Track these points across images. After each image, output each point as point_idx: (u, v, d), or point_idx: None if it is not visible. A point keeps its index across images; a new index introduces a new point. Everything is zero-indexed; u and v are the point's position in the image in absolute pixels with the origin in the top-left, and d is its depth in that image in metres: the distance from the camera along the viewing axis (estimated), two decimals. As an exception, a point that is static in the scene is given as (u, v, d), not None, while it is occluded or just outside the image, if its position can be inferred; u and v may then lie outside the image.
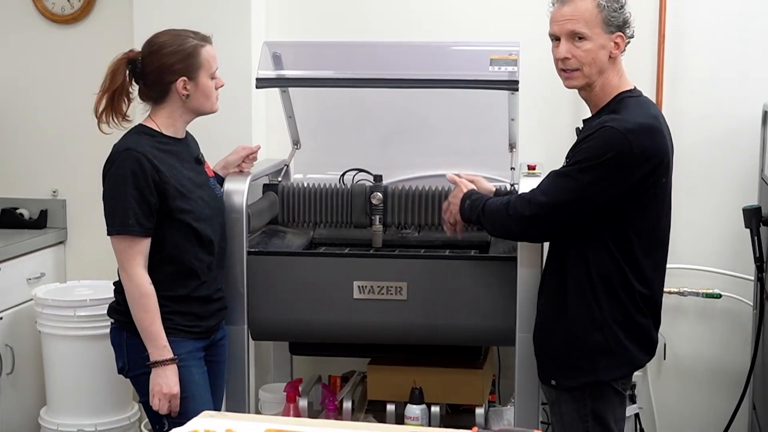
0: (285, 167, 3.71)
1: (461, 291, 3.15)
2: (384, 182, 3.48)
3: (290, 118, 3.69)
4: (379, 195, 3.42)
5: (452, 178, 3.08)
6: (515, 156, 3.55)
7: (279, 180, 3.62)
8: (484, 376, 3.47)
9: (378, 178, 3.48)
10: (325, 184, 3.53)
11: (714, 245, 3.93)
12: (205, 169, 3.06)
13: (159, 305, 2.82)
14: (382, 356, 3.50)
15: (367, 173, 3.54)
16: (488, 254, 3.34)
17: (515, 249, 3.10)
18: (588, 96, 2.83)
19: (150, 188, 2.78)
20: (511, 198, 2.85)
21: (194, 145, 3.06)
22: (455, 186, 3.06)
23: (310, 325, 3.25)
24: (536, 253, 3.07)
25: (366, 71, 3.39)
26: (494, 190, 3.12)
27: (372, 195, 3.43)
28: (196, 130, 3.07)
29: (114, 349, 2.95)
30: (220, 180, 3.19)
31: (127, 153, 2.80)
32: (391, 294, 3.16)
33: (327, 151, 3.81)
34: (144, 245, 2.81)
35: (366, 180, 3.53)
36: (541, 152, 3.72)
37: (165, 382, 2.81)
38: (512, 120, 3.46)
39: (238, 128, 3.81)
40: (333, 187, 3.52)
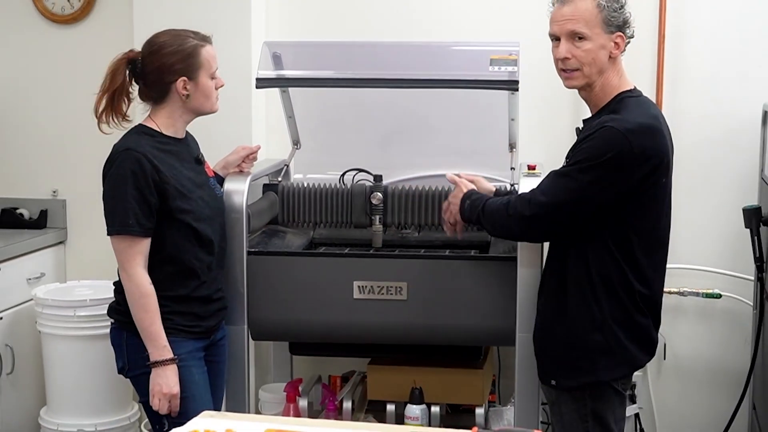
0: (285, 167, 3.71)
1: (461, 291, 3.16)
2: (384, 182, 3.48)
3: (290, 118, 3.70)
4: (379, 195, 3.42)
5: (452, 178, 3.09)
6: (515, 156, 3.56)
7: (279, 180, 3.62)
8: (484, 376, 3.47)
9: (378, 178, 3.48)
10: (325, 184, 3.53)
11: (714, 245, 3.94)
12: (205, 169, 3.06)
13: (159, 305, 2.82)
14: (382, 356, 3.50)
15: (367, 173, 3.54)
16: (488, 254, 3.34)
17: (515, 249, 3.10)
18: (588, 96, 2.83)
19: (150, 188, 2.78)
20: (511, 198, 2.85)
21: (194, 145, 3.06)
22: (455, 186, 3.06)
23: (310, 325, 3.25)
24: (536, 253, 3.07)
25: (366, 71, 3.39)
26: (494, 190, 3.12)
27: (372, 195, 3.43)
28: (196, 130, 3.07)
29: (114, 349, 2.95)
30: (220, 180, 3.19)
31: (127, 153, 2.80)
32: (391, 294, 3.16)
33: (327, 151, 3.81)
34: (144, 245, 2.81)
35: (366, 180, 3.53)
36: (541, 152, 3.72)
37: (165, 382, 2.81)
38: (512, 120, 3.47)
39: (238, 128, 3.81)
40: (333, 187, 3.52)
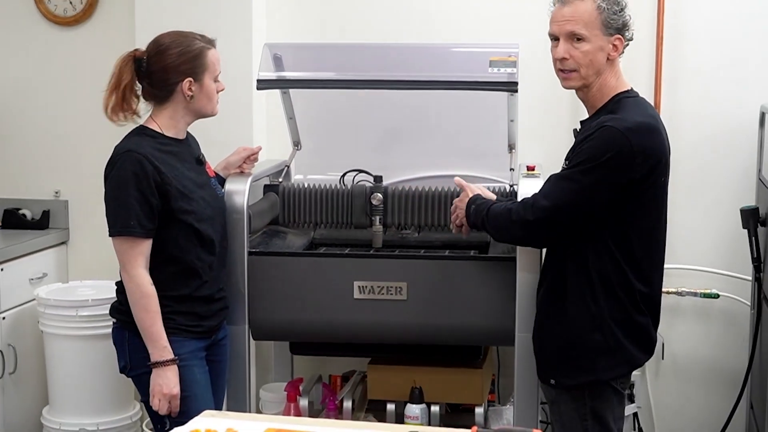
0: (286, 168, 3.72)
1: (461, 291, 3.16)
2: (384, 183, 3.48)
3: (291, 120, 3.70)
4: (379, 196, 3.42)
5: (459, 182, 3.09)
6: (514, 157, 3.57)
7: (280, 181, 3.62)
8: (484, 376, 3.48)
9: (378, 179, 3.48)
10: (326, 185, 3.53)
11: (712, 246, 3.94)
12: (206, 170, 3.07)
13: (161, 305, 2.82)
14: (383, 356, 3.50)
15: (368, 174, 3.54)
16: (487, 254, 3.34)
17: (514, 249, 3.10)
18: (585, 97, 2.84)
19: (152, 189, 2.79)
20: (514, 204, 2.85)
21: (195, 146, 3.06)
22: (462, 190, 3.07)
23: (311, 325, 3.25)
24: (535, 254, 3.08)
25: (366, 73, 3.40)
26: (495, 199, 3.10)
27: (372, 196, 3.43)
28: (197, 131, 3.08)
29: (116, 349, 2.95)
30: (221, 180, 3.20)
31: (129, 154, 2.81)
32: (391, 294, 3.16)
33: (327, 152, 3.82)
34: (145, 246, 2.82)
35: (366, 181, 3.53)
36: (540, 153, 3.73)
37: (165, 383, 2.82)
38: (512, 121, 3.48)
39: (239, 129, 3.82)
40: (333, 188, 3.52)
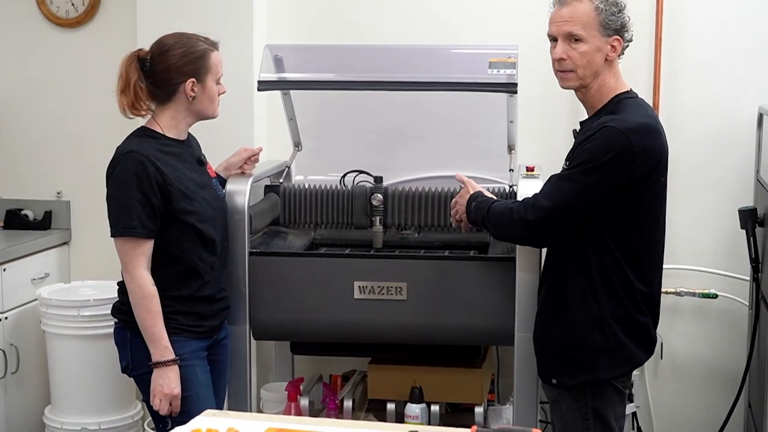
0: (286, 169, 3.73)
1: (461, 291, 3.16)
2: (384, 184, 3.49)
3: (291, 120, 3.71)
4: (380, 196, 3.42)
5: (460, 178, 3.09)
6: (514, 158, 3.58)
7: (280, 181, 3.63)
8: (483, 376, 3.48)
9: (378, 180, 3.48)
10: (326, 186, 3.53)
11: (710, 246, 3.96)
12: (208, 170, 3.07)
13: (163, 305, 2.83)
14: (383, 356, 3.51)
15: (368, 175, 3.55)
16: (487, 255, 3.34)
17: (514, 249, 3.10)
18: (584, 97, 2.85)
19: (153, 190, 2.80)
20: (515, 203, 2.86)
21: (196, 147, 3.07)
22: (463, 185, 3.07)
23: (312, 325, 3.26)
24: (535, 254, 3.08)
25: (366, 74, 3.40)
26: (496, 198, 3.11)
27: (372, 196, 3.43)
28: (199, 132, 3.09)
29: (117, 349, 2.96)
30: (222, 181, 3.20)
31: (130, 155, 2.82)
32: (392, 294, 3.17)
33: (328, 153, 3.82)
34: (147, 247, 2.82)
35: (366, 181, 3.53)
36: (540, 154, 3.74)
37: (166, 383, 2.82)
38: (511, 122, 3.48)
39: (240, 130, 3.83)
40: (334, 189, 3.53)
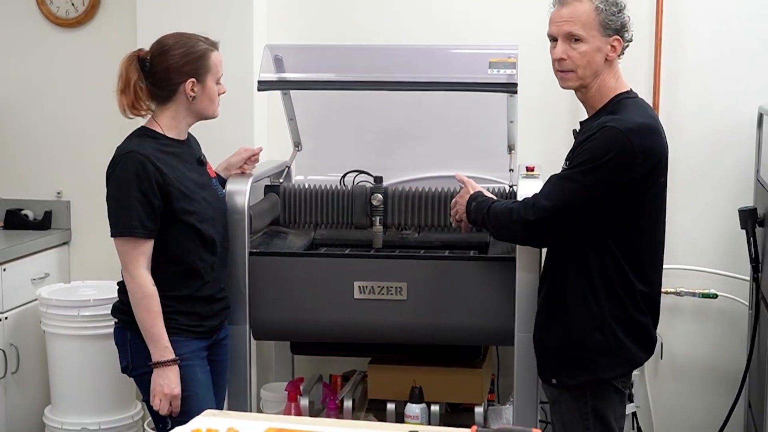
0: (286, 169, 3.73)
1: (461, 291, 3.17)
2: (384, 184, 3.49)
3: (291, 121, 3.71)
4: (380, 196, 3.43)
5: (460, 178, 3.10)
6: (514, 158, 3.58)
7: (280, 181, 3.63)
8: (483, 376, 3.49)
9: (378, 180, 3.49)
10: (326, 186, 3.54)
11: (710, 246, 3.96)
12: (208, 170, 3.07)
13: (163, 305, 2.83)
14: (383, 356, 3.51)
15: (368, 175, 3.55)
16: (487, 255, 3.34)
17: (514, 249, 3.11)
18: (584, 97, 2.85)
19: (153, 190, 2.80)
20: (515, 203, 2.86)
21: (196, 147, 3.07)
22: (463, 185, 3.08)
23: (312, 325, 3.26)
24: (535, 254, 3.09)
25: (366, 74, 3.40)
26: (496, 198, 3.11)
27: (372, 196, 3.44)
28: (199, 132, 3.09)
29: (118, 349, 2.96)
30: (222, 181, 3.21)
31: (130, 155, 2.82)
32: (392, 294, 3.17)
33: (328, 153, 3.83)
34: (147, 247, 2.83)
35: (366, 181, 3.54)
36: (540, 154, 3.75)
37: (166, 383, 2.83)
38: (511, 122, 3.49)
39: (240, 130, 3.83)
40: (334, 189, 3.53)
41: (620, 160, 2.66)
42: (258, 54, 3.60)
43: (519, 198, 2.95)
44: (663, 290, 3.02)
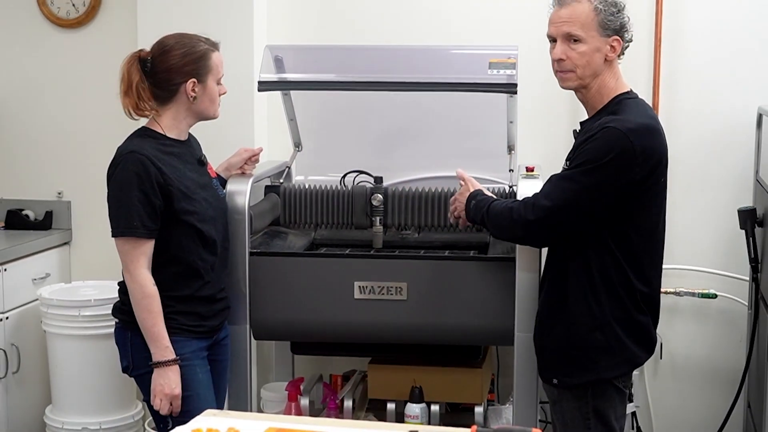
0: (287, 169, 3.73)
1: (461, 291, 3.17)
2: (384, 184, 3.50)
3: (292, 121, 3.72)
4: (380, 196, 3.43)
5: (461, 174, 3.10)
6: (514, 158, 3.58)
7: (281, 182, 3.63)
8: (483, 375, 3.49)
9: (378, 180, 3.49)
10: (326, 186, 3.54)
11: (709, 246, 3.97)
12: (208, 171, 3.08)
13: (163, 305, 2.84)
14: (383, 356, 3.52)
15: (368, 175, 3.55)
16: (487, 255, 3.35)
17: (513, 250, 3.11)
18: (584, 98, 2.86)
19: (154, 190, 2.81)
20: (515, 203, 2.86)
21: (197, 147, 3.08)
22: (463, 182, 3.08)
23: (312, 325, 3.27)
24: (534, 254, 3.09)
25: (366, 74, 3.41)
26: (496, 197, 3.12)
27: (372, 197, 3.44)
28: (199, 133, 3.10)
29: (118, 349, 2.96)
30: (222, 181, 3.21)
31: (131, 156, 2.82)
32: (392, 294, 3.18)
33: (328, 154, 3.83)
34: (148, 247, 2.83)
35: (366, 182, 3.54)
36: (539, 154, 3.76)
37: (167, 383, 2.83)
38: (511, 122, 3.49)
39: (241, 130, 3.84)
40: (334, 189, 3.53)
41: (621, 161, 2.67)
42: (258, 54, 3.61)
43: (519, 198, 2.95)
44: (662, 290, 3.03)
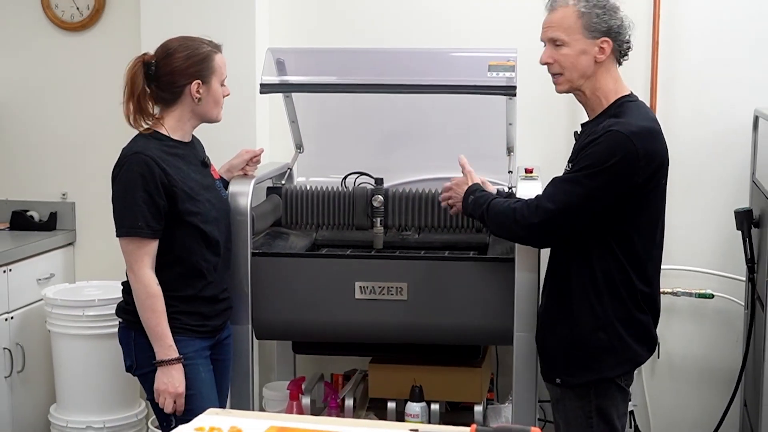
0: (288, 170, 3.75)
1: (460, 291, 3.18)
2: (385, 185, 3.50)
3: (293, 123, 3.72)
4: (380, 198, 3.44)
5: (463, 162, 3.10)
6: (513, 160, 3.59)
7: (282, 183, 3.65)
8: (483, 375, 3.51)
9: (379, 181, 3.50)
10: (328, 187, 3.55)
11: (706, 247, 3.98)
12: (211, 172, 3.09)
13: (167, 305, 2.85)
14: (383, 355, 3.53)
15: (369, 176, 3.56)
16: (487, 255, 3.36)
17: (513, 250, 3.12)
18: (584, 100, 2.87)
19: (159, 191, 2.82)
20: (517, 203, 2.86)
21: (200, 149, 3.09)
22: (462, 170, 3.07)
23: (313, 325, 3.28)
24: (534, 254, 3.10)
25: (367, 77, 3.42)
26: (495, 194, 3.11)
27: (373, 198, 3.45)
28: (202, 134, 3.11)
29: (122, 348, 2.98)
30: (225, 183, 3.22)
31: (136, 156, 2.84)
32: (392, 294, 3.19)
33: (329, 155, 3.84)
34: (152, 247, 2.85)
35: (367, 183, 3.55)
36: (538, 156, 3.77)
37: (170, 382, 2.84)
38: (510, 124, 3.50)
39: (243, 132, 3.84)
40: (335, 190, 3.55)
41: (625, 164, 2.68)
42: (260, 57, 3.62)
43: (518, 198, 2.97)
44: (660, 290, 3.05)
